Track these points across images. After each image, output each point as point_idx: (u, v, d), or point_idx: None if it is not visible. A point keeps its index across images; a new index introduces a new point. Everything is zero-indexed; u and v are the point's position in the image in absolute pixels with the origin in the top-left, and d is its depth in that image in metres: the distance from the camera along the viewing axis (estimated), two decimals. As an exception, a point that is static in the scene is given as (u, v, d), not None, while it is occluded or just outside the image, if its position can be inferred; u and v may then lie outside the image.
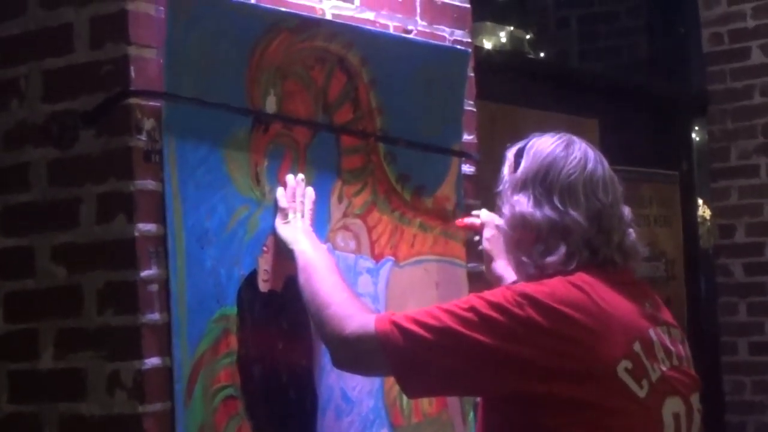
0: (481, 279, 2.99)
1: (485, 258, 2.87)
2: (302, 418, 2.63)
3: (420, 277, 2.98)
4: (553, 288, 2.17)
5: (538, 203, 2.26)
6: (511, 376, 2.14)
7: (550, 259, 2.24)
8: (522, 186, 2.29)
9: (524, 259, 2.29)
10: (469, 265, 3.11)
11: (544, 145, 2.32)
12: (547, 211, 2.25)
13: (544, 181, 2.27)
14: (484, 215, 2.90)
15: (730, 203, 5.83)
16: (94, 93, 2.38)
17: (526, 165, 2.31)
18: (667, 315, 2.34)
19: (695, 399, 2.29)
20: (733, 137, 5.82)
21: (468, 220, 2.95)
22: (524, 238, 2.28)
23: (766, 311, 5.72)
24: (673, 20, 6.88)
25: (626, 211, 2.33)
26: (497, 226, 2.55)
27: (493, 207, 2.52)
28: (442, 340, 2.17)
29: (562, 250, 2.23)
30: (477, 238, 2.92)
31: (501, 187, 2.37)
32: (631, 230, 2.32)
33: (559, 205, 2.24)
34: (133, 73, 2.35)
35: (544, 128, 2.39)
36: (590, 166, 2.29)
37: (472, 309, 2.17)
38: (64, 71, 2.44)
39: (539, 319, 2.13)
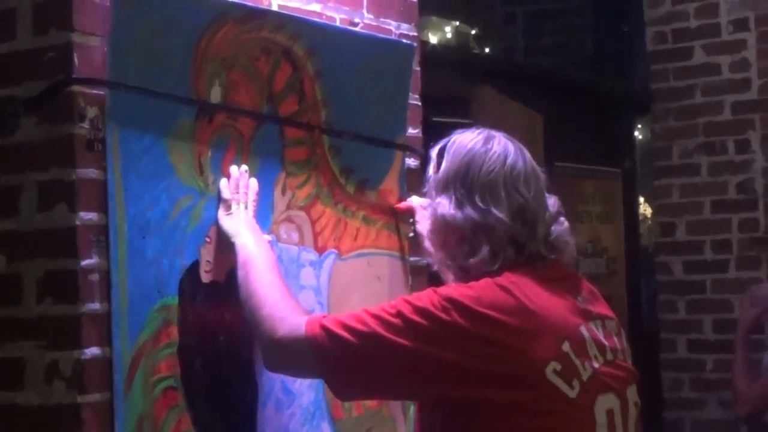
0: (423, 272, 3.00)
1: (420, 238, 2.89)
2: (243, 410, 2.62)
3: (363, 271, 2.97)
4: (479, 291, 2.17)
5: (459, 204, 2.25)
6: (437, 380, 2.15)
7: (473, 260, 2.24)
8: (444, 187, 2.29)
9: (449, 262, 2.29)
10: (412, 258, 3.11)
11: (463, 142, 2.32)
12: (469, 211, 2.24)
13: (464, 181, 2.26)
14: (415, 200, 2.94)
15: (671, 201, 5.88)
16: (37, 80, 2.35)
17: (447, 165, 2.31)
18: (601, 307, 2.33)
19: (631, 392, 2.28)
20: (675, 136, 5.87)
21: (404, 204, 3.01)
22: (448, 240, 2.28)
23: (704, 309, 5.77)
24: (618, 18, 6.94)
25: (552, 201, 2.32)
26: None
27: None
28: (369, 345, 2.18)
29: (485, 250, 2.23)
30: (411, 220, 2.96)
31: (426, 188, 2.38)
32: (562, 219, 2.31)
33: (480, 204, 2.24)
34: (76, 61, 2.32)
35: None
36: (510, 159, 2.28)
37: (398, 314, 2.17)
38: (7, 57, 2.41)
39: (464, 324, 2.13)
